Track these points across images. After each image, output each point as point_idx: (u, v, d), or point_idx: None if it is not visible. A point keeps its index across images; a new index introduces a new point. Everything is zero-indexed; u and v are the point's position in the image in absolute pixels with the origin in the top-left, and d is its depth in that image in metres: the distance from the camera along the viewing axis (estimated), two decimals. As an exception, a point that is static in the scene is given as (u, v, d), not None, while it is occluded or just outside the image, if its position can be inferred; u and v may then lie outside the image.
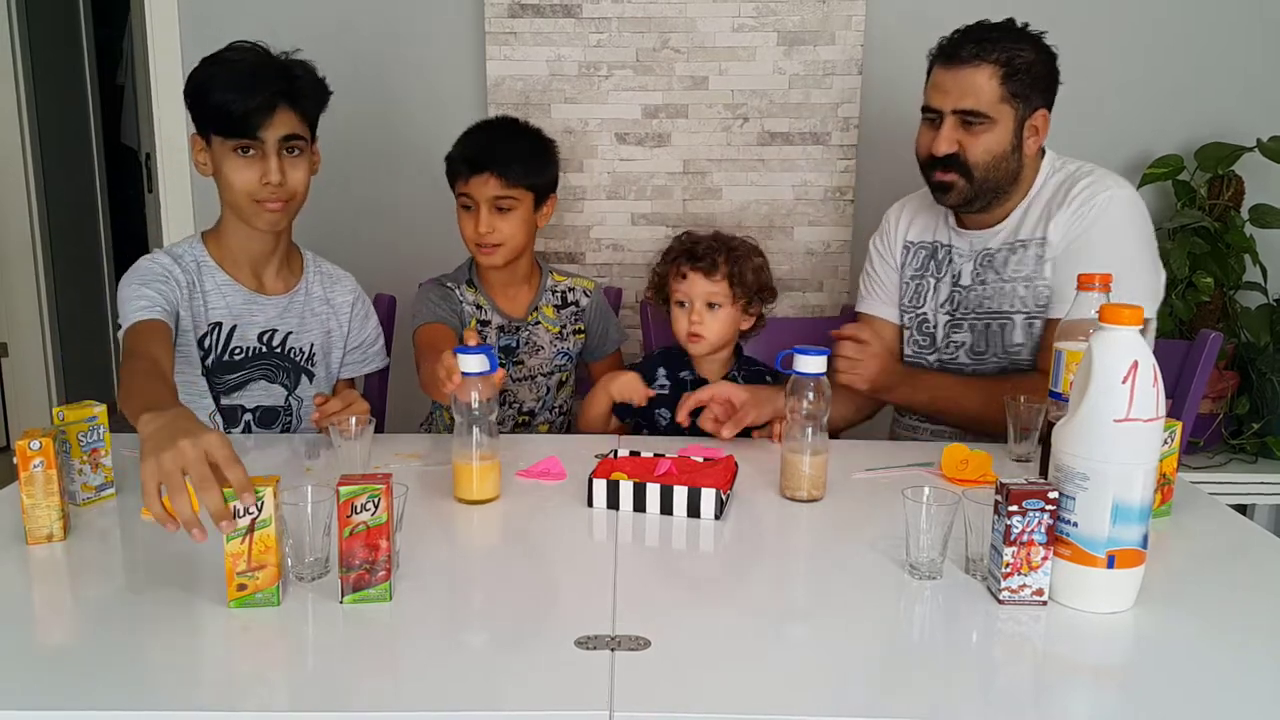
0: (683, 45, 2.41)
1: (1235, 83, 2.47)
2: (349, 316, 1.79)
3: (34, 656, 0.94)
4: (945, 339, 1.75)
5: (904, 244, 1.83)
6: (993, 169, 1.60)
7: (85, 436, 1.28)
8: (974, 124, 1.58)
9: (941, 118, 1.61)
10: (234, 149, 1.53)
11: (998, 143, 1.59)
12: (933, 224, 1.81)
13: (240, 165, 1.54)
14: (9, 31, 3.29)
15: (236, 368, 1.65)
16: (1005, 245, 1.68)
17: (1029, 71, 1.57)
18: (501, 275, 1.89)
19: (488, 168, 1.76)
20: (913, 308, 1.81)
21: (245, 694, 0.88)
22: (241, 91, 1.49)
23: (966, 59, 1.57)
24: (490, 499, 1.34)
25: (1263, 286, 2.41)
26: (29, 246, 3.46)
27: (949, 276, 1.76)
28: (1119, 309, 1.01)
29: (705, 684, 0.88)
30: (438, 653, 0.95)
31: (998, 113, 1.58)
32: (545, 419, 1.96)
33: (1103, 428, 0.99)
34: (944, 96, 1.60)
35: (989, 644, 1.00)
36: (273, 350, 1.68)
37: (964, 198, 1.64)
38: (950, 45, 1.61)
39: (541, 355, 1.91)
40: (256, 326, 1.66)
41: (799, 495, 1.34)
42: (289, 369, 1.70)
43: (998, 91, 1.57)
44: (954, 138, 1.60)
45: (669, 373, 1.77)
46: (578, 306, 1.96)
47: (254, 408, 1.67)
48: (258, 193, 1.55)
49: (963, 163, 1.60)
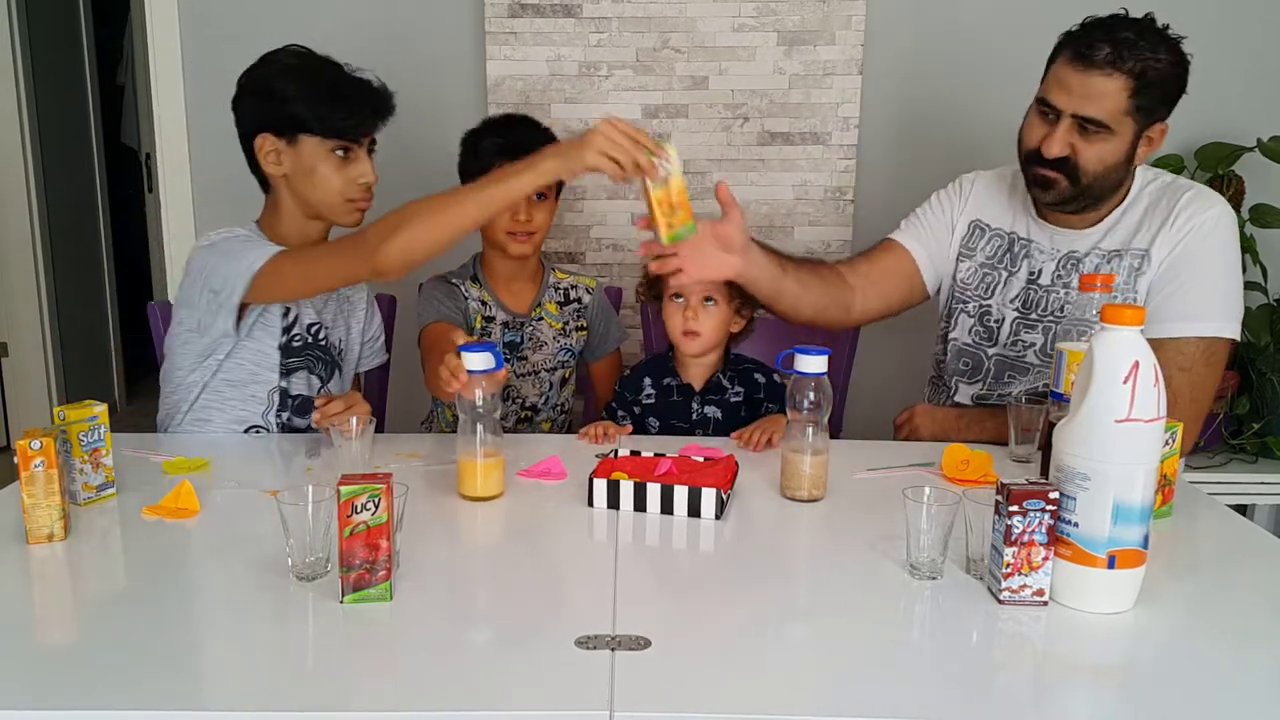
0: (683, 45, 2.41)
1: (1235, 83, 2.46)
2: (365, 312, 1.84)
3: (34, 656, 0.94)
4: (1012, 336, 1.70)
5: (972, 221, 1.76)
6: (1101, 177, 1.54)
7: (86, 436, 1.28)
8: (1092, 131, 1.50)
9: (1059, 115, 1.52)
10: (333, 149, 1.58)
11: (1113, 153, 1.51)
12: (1010, 211, 1.73)
13: (337, 166, 1.59)
14: (9, 31, 3.29)
15: (296, 353, 1.68)
16: (1096, 251, 1.62)
17: (1160, 84, 1.48)
18: (509, 270, 1.91)
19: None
20: (978, 297, 1.74)
21: (245, 694, 0.88)
22: (352, 99, 1.57)
23: (1100, 64, 1.46)
24: (494, 496, 1.34)
25: (1263, 286, 2.41)
26: (29, 246, 3.46)
27: (1024, 272, 1.69)
28: (1120, 309, 1.01)
29: (705, 684, 0.88)
30: (438, 653, 0.94)
31: (1119, 124, 1.49)
32: (548, 416, 1.96)
33: (1103, 428, 0.99)
34: (1067, 97, 1.50)
35: (989, 644, 1.00)
36: (317, 342, 1.72)
37: (1064, 198, 1.57)
38: (1085, 43, 1.48)
39: (545, 351, 1.93)
40: (308, 318, 1.70)
41: (799, 495, 1.33)
42: (327, 362, 1.74)
43: (1125, 104, 1.48)
44: (1068, 140, 1.51)
45: (654, 381, 1.75)
46: (580, 304, 1.98)
47: (296, 395, 1.69)
48: (352, 192, 1.61)
49: (1073, 166, 1.53)
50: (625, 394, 1.76)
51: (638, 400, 1.74)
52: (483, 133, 1.89)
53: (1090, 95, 1.48)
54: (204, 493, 1.32)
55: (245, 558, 1.14)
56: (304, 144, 1.58)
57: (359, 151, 1.61)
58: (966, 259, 1.77)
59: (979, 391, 1.76)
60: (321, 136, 1.57)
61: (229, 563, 1.13)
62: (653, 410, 1.73)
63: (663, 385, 1.74)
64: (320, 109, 1.56)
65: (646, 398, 1.74)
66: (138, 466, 1.46)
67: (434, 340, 1.73)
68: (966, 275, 1.76)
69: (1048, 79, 1.56)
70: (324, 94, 1.56)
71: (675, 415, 1.73)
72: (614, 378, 2.00)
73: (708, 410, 1.73)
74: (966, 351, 1.77)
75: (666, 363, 1.76)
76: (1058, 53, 1.55)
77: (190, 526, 1.25)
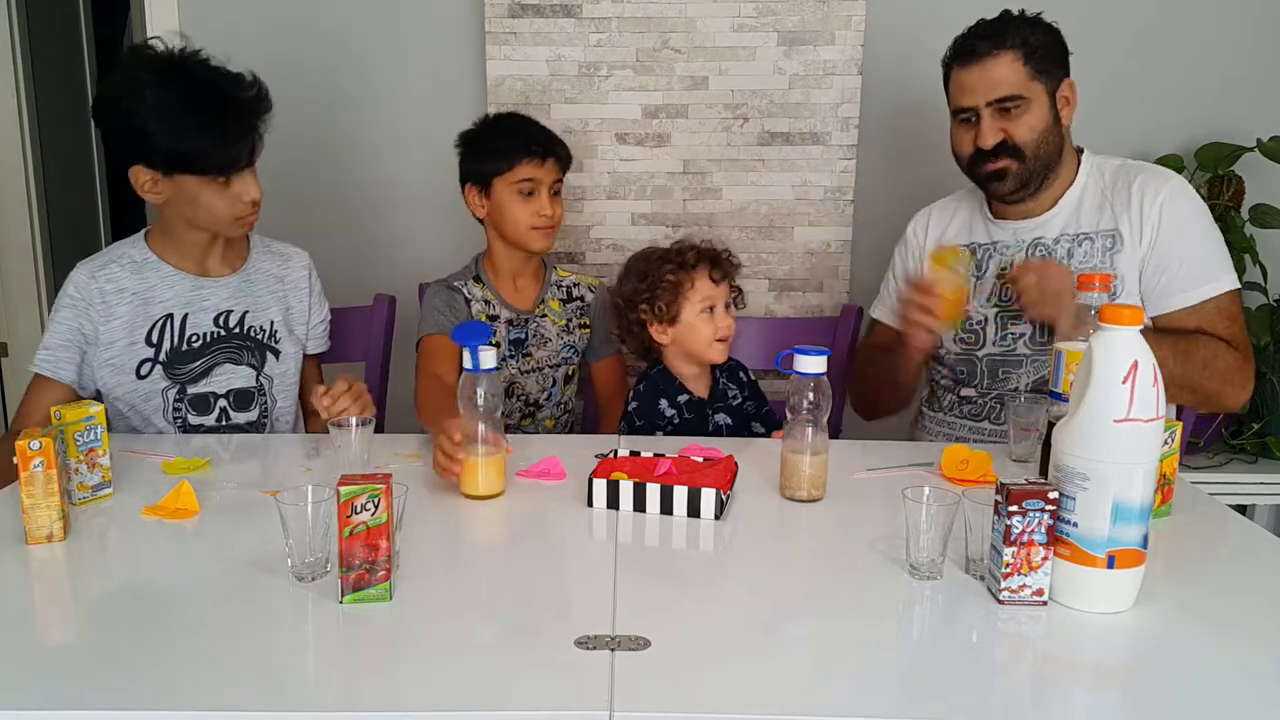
0: (683, 45, 2.40)
1: (1235, 83, 2.47)
2: (308, 291, 1.80)
3: (34, 656, 0.94)
4: (1000, 332, 1.74)
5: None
6: (1041, 145, 1.64)
7: (82, 436, 1.28)
8: (1012, 109, 1.62)
9: (977, 115, 1.64)
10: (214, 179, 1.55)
11: (1039, 119, 1.63)
12: (968, 225, 1.81)
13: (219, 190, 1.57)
14: (9, 31, 3.29)
15: (197, 354, 1.66)
16: (1066, 236, 1.70)
17: (1045, 48, 1.62)
18: (514, 267, 1.92)
19: (553, 153, 1.86)
20: None
21: (245, 694, 0.88)
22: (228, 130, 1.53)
23: (984, 53, 1.61)
24: (496, 494, 1.34)
25: (1263, 286, 2.41)
26: (29, 246, 3.46)
27: (992, 272, 1.75)
28: (1119, 309, 1.01)
29: (705, 684, 0.88)
30: (438, 653, 0.94)
31: (1031, 91, 1.62)
32: (550, 413, 1.97)
33: (1103, 428, 0.99)
34: (974, 94, 1.64)
35: (989, 644, 1.00)
36: (231, 331, 1.69)
37: (1020, 180, 1.67)
38: (965, 45, 1.65)
39: (549, 348, 1.93)
40: (209, 311, 1.68)
41: (799, 495, 1.33)
42: (252, 348, 1.71)
43: (1024, 72, 1.61)
44: (997, 127, 1.63)
45: (670, 401, 1.72)
46: (583, 302, 1.99)
47: (225, 392, 1.68)
48: (239, 211, 1.60)
49: (1012, 146, 1.63)
50: (653, 420, 1.71)
51: (664, 424, 1.71)
52: (494, 129, 1.89)
53: (991, 80, 1.62)
54: (204, 493, 1.32)
55: (245, 558, 1.14)
56: (181, 178, 1.55)
57: (242, 172, 1.58)
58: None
59: (978, 391, 1.77)
60: (199, 175, 1.54)
61: (229, 563, 1.13)
62: (677, 430, 1.71)
63: (679, 403, 1.72)
64: (194, 149, 1.50)
65: (672, 419, 1.71)
66: (138, 466, 1.46)
67: (430, 356, 1.77)
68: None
69: (951, 92, 1.69)
70: (197, 131, 1.50)
71: (696, 430, 1.71)
72: (614, 380, 2.00)
73: (719, 419, 1.73)
74: (960, 361, 1.80)
75: (671, 381, 1.74)
76: (948, 70, 1.69)
77: (190, 526, 1.25)
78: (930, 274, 1.61)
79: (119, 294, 1.63)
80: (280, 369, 1.73)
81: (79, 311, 1.62)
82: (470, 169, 1.89)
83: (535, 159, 1.83)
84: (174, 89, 1.51)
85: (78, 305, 1.62)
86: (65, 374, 1.62)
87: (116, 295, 1.63)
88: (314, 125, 2.46)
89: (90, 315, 1.62)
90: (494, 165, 1.84)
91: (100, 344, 1.62)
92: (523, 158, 1.82)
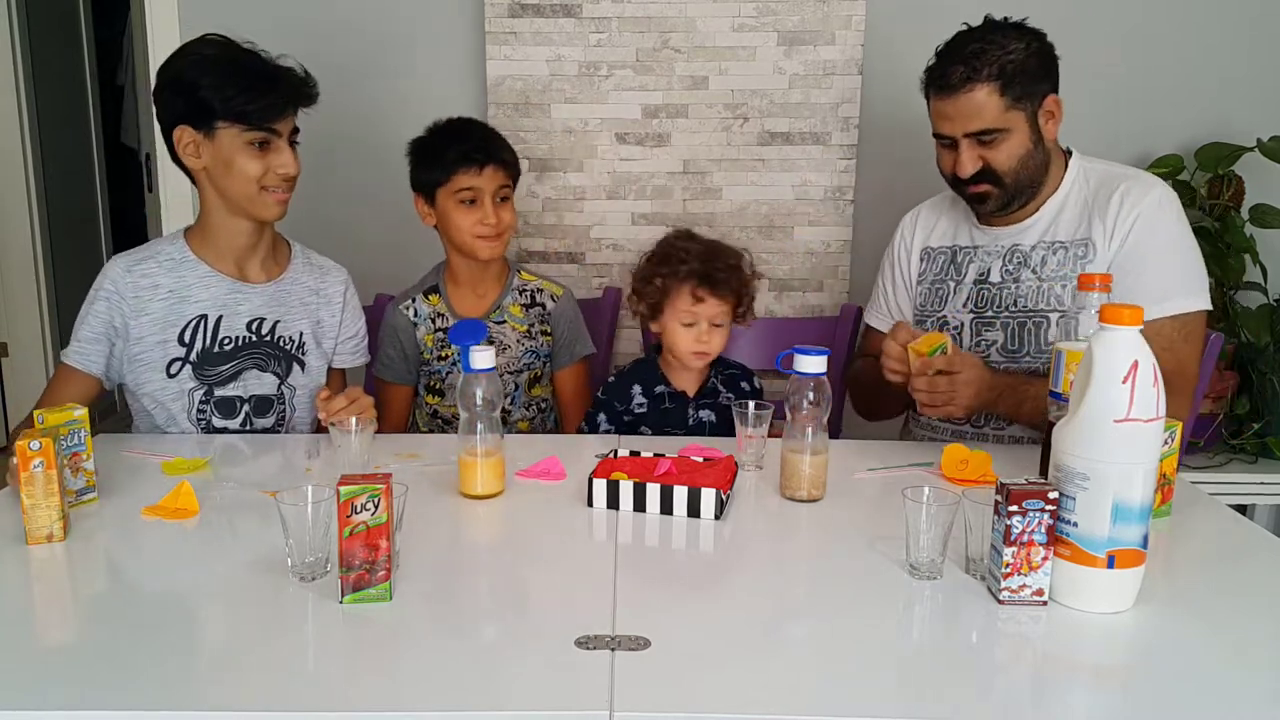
0: (683, 45, 2.41)
1: (1235, 83, 2.47)
2: (341, 306, 1.80)
3: (34, 656, 0.94)
4: (975, 338, 1.74)
5: (922, 251, 1.83)
6: (1021, 169, 1.61)
7: (66, 440, 1.26)
8: (989, 140, 1.59)
9: (955, 141, 1.61)
10: (251, 140, 1.57)
11: (1019, 146, 1.59)
12: (953, 228, 1.80)
13: (255, 156, 1.59)
14: (9, 31, 3.29)
15: (227, 358, 1.66)
16: (1043, 244, 1.68)
17: (1024, 70, 1.55)
18: (473, 273, 1.92)
19: (492, 160, 1.82)
20: (932, 312, 1.79)
21: (245, 694, 0.88)
22: (265, 85, 1.57)
23: (959, 85, 1.56)
24: (494, 494, 1.34)
25: (1263, 286, 2.41)
26: (29, 246, 3.46)
27: (971, 276, 1.75)
28: (1119, 309, 1.01)
29: (705, 684, 0.88)
30: (438, 653, 0.94)
31: (1009, 121, 1.57)
32: (522, 415, 1.96)
33: (1103, 428, 0.99)
34: (951, 124, 1.60)
35: (989, 644, 1.00)
36: (262, 338, 1.69)
37: (1001, 202, 1.65)
38: (940, 73, 1.59)
39: (509, 354, 1.92)
40: (243, 316, 1.68)
41: (799, 495, 1.33)
42: (279, 357, 1.71)
43: (1000, 104, 1.56)
44: (975, 155, 1.60)
45: (644, 389, 1.73)
46: (544, 309, 1.96)
47: (249, 397, 1.68)
48: (270, 181, 1.61)
49: (991, 174, 1.61)
50: (614, 402, 1.73)
51: (628, 409, 1.73)
52: (437, 137, 1.87)
53: (966, 114, 1.58)
54: (204, 493, 1.32)
55: (245, 558, 1.14)
56: (221, 135, 1.57)
57: (279, 142, 1.60)
58: (921, 284, 1.84)
59: None
60: (235, 124, 1.56)
61: (229, 563, 1.13)
62: (645, 418, 1.72)
63: (654, 393, 1.73)
64: (231, 96, 1.54)
65: (638, 406, 1.73)
66: (137, 466, 1.46)
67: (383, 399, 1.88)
68: (921, 298, 1.83)
69: (931, 114, 1.65)
70: (236, 81, 1.55)
71: (670, 422, 1.72)
72: (577, 387, 1.98)
73: (702, 414, 1.73)
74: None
75: (655, 369, 1.74)
76: (926, 91, 1.64)
77: (190, 527, 1.25)
78: (911, 361, 1.54)
79: (153, 290, 1.64)
80: (304, 380, 1.73)
81: (111, 304, 1.63)
82: (416, 178, 1.88)
83: (474, 167, 1.80)
84: (223, 48, 1.59)
85: (110, 298, 1.63)
86: (94, 367, 1.63)
87: (150, 291, 1.63)
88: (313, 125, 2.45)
89: (122, 309, 1.62)
90: (434, 175, 1.84)
91: (130, 338, 1.63)
92: (459, 167, 1.80)
